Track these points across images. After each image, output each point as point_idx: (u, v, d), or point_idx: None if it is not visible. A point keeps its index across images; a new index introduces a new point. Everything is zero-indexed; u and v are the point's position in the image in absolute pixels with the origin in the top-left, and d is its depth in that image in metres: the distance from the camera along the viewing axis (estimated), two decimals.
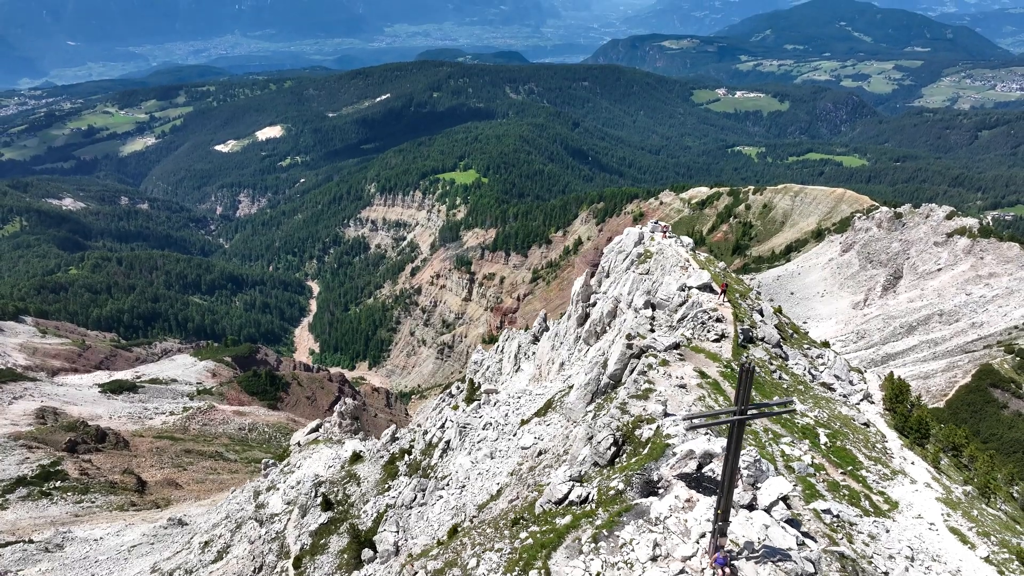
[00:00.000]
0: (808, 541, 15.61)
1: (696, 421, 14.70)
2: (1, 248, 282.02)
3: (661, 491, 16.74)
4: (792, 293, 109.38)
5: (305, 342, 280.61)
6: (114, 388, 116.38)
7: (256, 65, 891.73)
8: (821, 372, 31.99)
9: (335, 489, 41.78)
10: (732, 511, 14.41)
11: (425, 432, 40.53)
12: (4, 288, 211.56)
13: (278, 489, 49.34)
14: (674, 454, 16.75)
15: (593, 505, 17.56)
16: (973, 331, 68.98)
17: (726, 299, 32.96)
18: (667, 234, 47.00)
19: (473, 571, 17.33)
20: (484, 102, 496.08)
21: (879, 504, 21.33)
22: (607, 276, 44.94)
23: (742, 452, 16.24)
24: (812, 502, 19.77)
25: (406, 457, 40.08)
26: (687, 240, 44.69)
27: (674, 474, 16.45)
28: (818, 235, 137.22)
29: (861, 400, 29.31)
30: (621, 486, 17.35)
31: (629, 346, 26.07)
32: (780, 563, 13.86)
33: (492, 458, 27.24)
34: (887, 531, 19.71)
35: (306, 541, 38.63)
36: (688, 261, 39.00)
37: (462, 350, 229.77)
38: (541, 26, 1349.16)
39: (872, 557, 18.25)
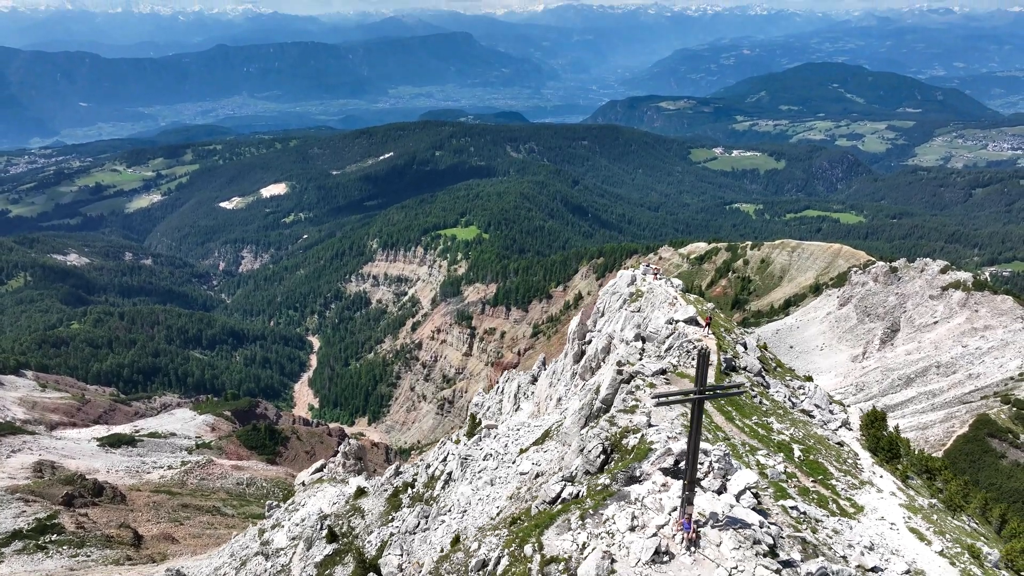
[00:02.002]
0: (772, 526, 17.33)
1: (663, 399, 16.89)
2: (4, 303, 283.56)
3: (642, 481, 18.73)
4: (791, 347, 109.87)
5: (304, 397, 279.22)
6: (112, 442, 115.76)
7: (262, 125, 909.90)
8: (802, 400, 33.23)
9: (340, 522, 41.89)
10: (701, 491, 16.94)
11: (428, 466, 41.17)
12: (6, 342, 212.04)
13: (283, 526, 49.23)
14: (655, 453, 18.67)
15: (583, 498, 19.29)
16: (970, 382, 69.50)
17: (710, 331, 35.11)
18: (658, 276, 49.39)
19: (475, 552, 19.30)
20: (485, 160, 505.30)
21: (845, 507, 22.76)
22: (602, 316, 47.00)
23: (713, 448, 19.00)
24: (781, 500, 21.30)
25: (409, 490, 40.48)
26: (676, 281, 46.93)
27: (654, 468, 18.56)
28: (816, 290, 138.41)
29: (840, 427, 30.35)
30: (608, 482, 19.14)
31: (619, 372, 27.75)
32: (740, 530, 16.21)
33: (492, 485, 28.01)
34: (850, 528, 21.25)
35: (312, 572, 38.66)
36: (676, 298, 41.29)
37: (462, 405, 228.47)
38: (541, 88, 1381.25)
39: (833, 545, 19.76)
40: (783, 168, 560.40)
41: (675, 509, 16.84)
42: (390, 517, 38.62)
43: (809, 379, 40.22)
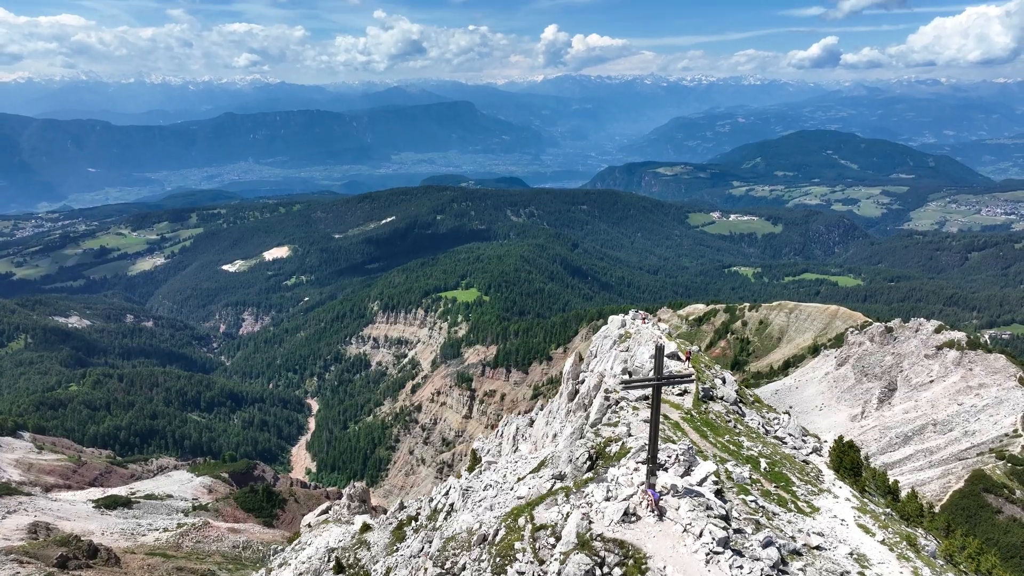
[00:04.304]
0: (728, 504, 20.32)
1: (629, 385, 21.74)
2: (4, 365, 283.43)
3: (619, 468, 21.80)
4: (791, 407, 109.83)
5: (302, 461, 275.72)
6: (108, 503, 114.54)
7: (267, 189, 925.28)
8: (776, 429, 34.58)
9: (347, 554, 42.18)
10: (665, 473, 20.87)
11: (431, 500, 42.09)
12: (3, 404, 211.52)
13: (290, 564, 49.25)
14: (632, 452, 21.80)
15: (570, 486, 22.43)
16: (966, 439, 70.04)
17: (691, 365, 38.40)
18: (646, 320, 52.32)
19: (477, 531, 22.46)
20: (486, 224, 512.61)
21: (803, 508, 25.08)
22: (595, 357, 49.86)
23: (679, 444, 22.54)
24: (742, 495, 23.57)
25: (413, 523, 41.04)
26: (663, 326, 49.43)
27: (629, 461, 21.79)
28: (814, 350, 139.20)
29: (810, 453, 31.83)
30: (591, 475, 22.05)
31: (606, 398, 30.31)
32: (695, 498, 19.71)
33: (492, 510, 29.34)
34: (804, 521, 23.64)
35: None
36: (660, 337, 44.50)
37: (461, 469, 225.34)
38: (541, 154, 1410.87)
39: (784, 528, 22.23)
40: (780, 232, 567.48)
41: (642, 483, 20.59)
42: (395, 547, 39.22)
43: (787, 413, 41.79)
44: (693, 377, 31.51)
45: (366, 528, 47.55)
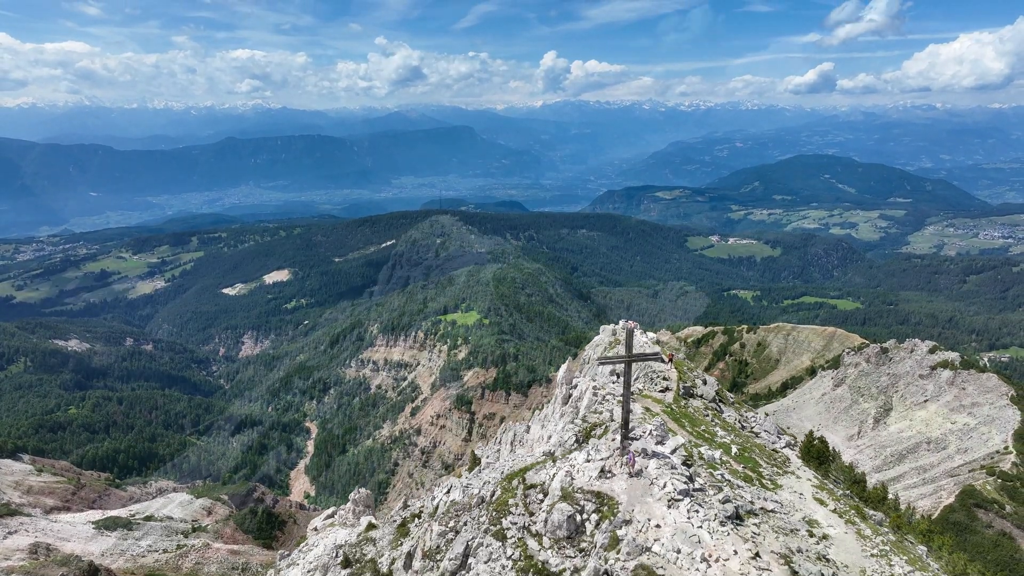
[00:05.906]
0: (693, 470, 23.61)
1: (604, 361, 26.09)
2: (3, 388, 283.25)
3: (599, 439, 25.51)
4: (788, 428, 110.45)
5: (300, 484, 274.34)
6: (108, 524, 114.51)
7: (268, 213, 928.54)
8: (751, 425, 36.34)
9: (354, 550, 43.15)
10: (637, 441, 24.48)
11: (433, 497, 43.10)
12: (3, 427, 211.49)
13: (298, 564, 50.12)
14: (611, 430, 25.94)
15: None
16: (959, 457, 70.90)
17: (673, 366, 42.24)
18: (635, 329, 55.55)
19: (476, 495, 26.14)
20: (486, 247, 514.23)
21: (766, 484, 27.44)
22: (587, 363, 51.75)
23: (652, 420, 26.40)
24: (710, 470, 26.05)
25: (416, 520, 42.02)
26: (651, 335, 51.82)
27: (609, 434, 25.50)
28: (812, 372, 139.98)
29: (784, 447, 33.18)
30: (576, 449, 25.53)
31: (595, 393, 33.20)
32: (662, 459, 23.34)
33: None
34: (765, 492, 25.91)
35: None
36: (646, 342, 48.92)
37: (462, 470, 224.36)
38: (540, 178, 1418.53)
39: (743, 495, 24.54)
40: (779, 255, 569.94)
41: (618, 448, 24.47)
42: (400, 542, 40.28)
43: (765, 414, 43.59)
44: (660, 354, 36.65)
45: (371, 527, 48.90)
